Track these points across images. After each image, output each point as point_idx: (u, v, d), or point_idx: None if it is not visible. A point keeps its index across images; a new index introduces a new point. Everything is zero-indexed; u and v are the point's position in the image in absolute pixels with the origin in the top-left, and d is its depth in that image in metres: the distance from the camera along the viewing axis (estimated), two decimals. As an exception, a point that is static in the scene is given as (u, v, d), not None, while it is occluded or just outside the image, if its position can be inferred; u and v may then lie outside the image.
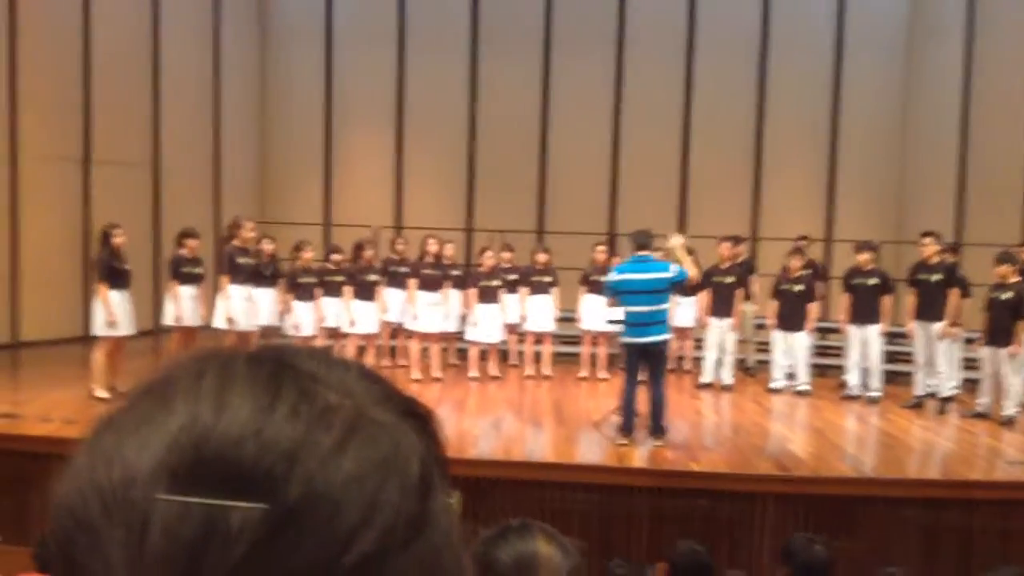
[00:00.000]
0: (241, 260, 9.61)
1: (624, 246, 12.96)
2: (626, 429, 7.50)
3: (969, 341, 9.54)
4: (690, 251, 8.05)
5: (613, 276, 7.60)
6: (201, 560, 0.44)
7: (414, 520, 0.49)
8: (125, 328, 8.53)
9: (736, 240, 11.36)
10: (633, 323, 7.40)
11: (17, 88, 11.15)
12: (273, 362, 0.52)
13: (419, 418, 0.55)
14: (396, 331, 10.88)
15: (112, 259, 8.55)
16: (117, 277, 8.56)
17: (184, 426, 0.48)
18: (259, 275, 9.82)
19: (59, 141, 11.79)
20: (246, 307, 9.54)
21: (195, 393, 0.49)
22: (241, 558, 0.45)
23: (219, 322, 9.48)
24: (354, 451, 0.49)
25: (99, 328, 8.49)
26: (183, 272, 9.25)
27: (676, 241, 7.97)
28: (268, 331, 9.91)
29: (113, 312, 8.38)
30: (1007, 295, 8.83)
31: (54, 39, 11.64)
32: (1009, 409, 8.80)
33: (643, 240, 7.61)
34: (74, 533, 0.47)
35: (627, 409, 7.52)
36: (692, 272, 7.70)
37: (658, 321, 7.42)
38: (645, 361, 7.48)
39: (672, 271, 7.48)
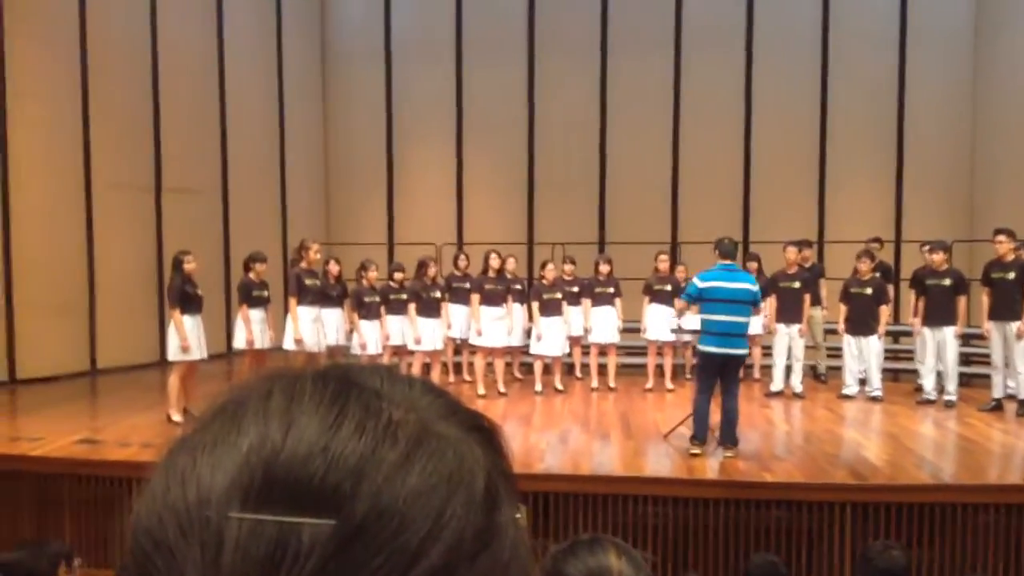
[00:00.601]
0: (308, 282, 9.76)
1: (687, 254, 12.91)
2: (699, 438, 7.41)
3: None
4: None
5: (698, 282, 7.44)
6: None
7: (480, 533, 0.50)
8: (198, 353, 8.72)
9: (803, 244, 11.21)
10: (716, 332, 7.28)
11: (90, 119, 11.53)
12: (338, 380, 0.54)
13: (484, 432, 0.56)
14: (460, 347, 10.94)
15: (184, 285, 8.76)
16: (189, 302, 8.76)
17: (254, 446, 0.49)
18: (326, 296, 9.96)
19: (130, 170, 12.15)
20: (314, 328, 9.68)
21: (264, 413, 0.51)
22: (312, 574, 0.46)
23: (288, 343, 9.65)
24: (420, 465, 0.50)
25: (173, 353, 8.69)
26: (252, 296, 9.44)
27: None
28: (335, 351, 10.04)
29: (186, 337, 8.58)
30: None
31: (123, 70, 12.01)
32: (1094, 410, 8.49)
33: (730, 249, 7.52)
34: (152, 554, 0.49)
35: (701, 418, 7.42)
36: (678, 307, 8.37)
37: (740, 333, 7.30)
38: (722, 371, 7.38)
39: (756, 286, 7.45)
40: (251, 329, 9.29)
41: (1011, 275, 9.19)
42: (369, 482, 0.48)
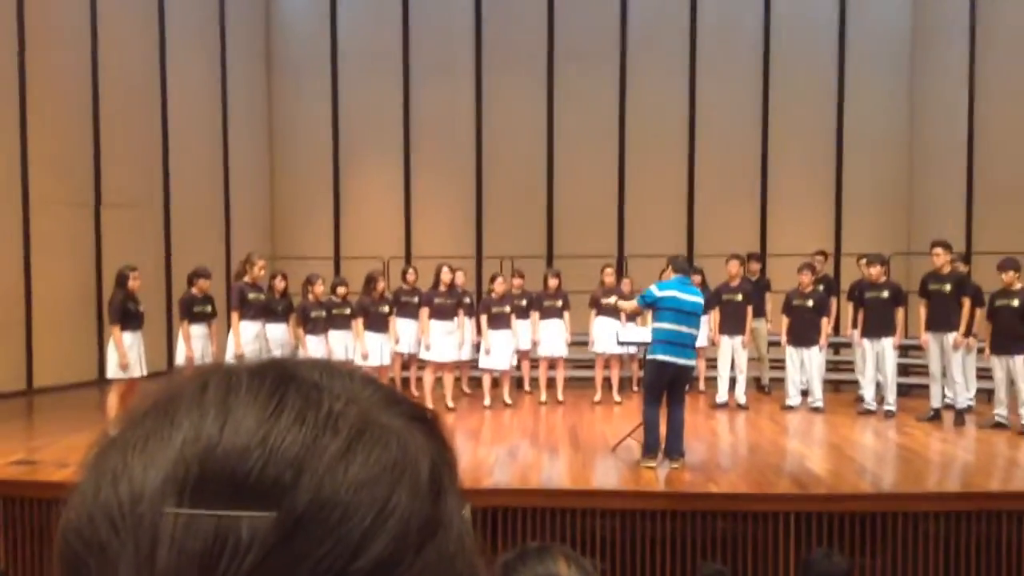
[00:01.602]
0: (251, 296, 9.65)
1: (633, 267, 13.03)
2: (651, 450, 7.45)
3: (982, 351, 9.49)
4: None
5: (656, 290, 7.55)
6: (212, 572, 0.44)
7: (426, 523, 0.49)
8: (138, 370, 8.56)
9: (751, 258, 11.44)
10: (670, 341, 7.38)
11: (27, 135, 11.29)
12: (276, 373, 0.52)
13: (427, 422, 0.55)
14: (408, 362, 10.89)
15: (127, 301, 8.60)
16: (130, 319, 8.61)
17: (189, 439, 0.48)
18: (271, 311, 9.86)
19: (69, 186, 11.91)
20: (257, 343, 9.57)
21: (199, 406, 0.49)
22: (252, 567, 0.44)
23: (230, 359, 9.51)
24: (362, 455, 0.48)
25: (112, 371, 8.52)
26: (194, 311, 9.31)
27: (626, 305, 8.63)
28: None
29: (126, 355, 8.42)
30: (1015, 302, 8.79)
31: (62, 83, 11.78)
32: (1027, 418, 8.73)
33: (685, 266, 7.87)
34: (83, 554, 0.47)
35: (652, 429, 7.47)
36: (632, 307, 8.44)
37: (692, 345, 7.53)
38: (671, 383, 7.47)
39: (703, 300, 7.86)
40: (192, 345, 9.15)
41: (947, 287, 9.43)
42: (310, 473, 0.46)
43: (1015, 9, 12.85)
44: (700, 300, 7.67)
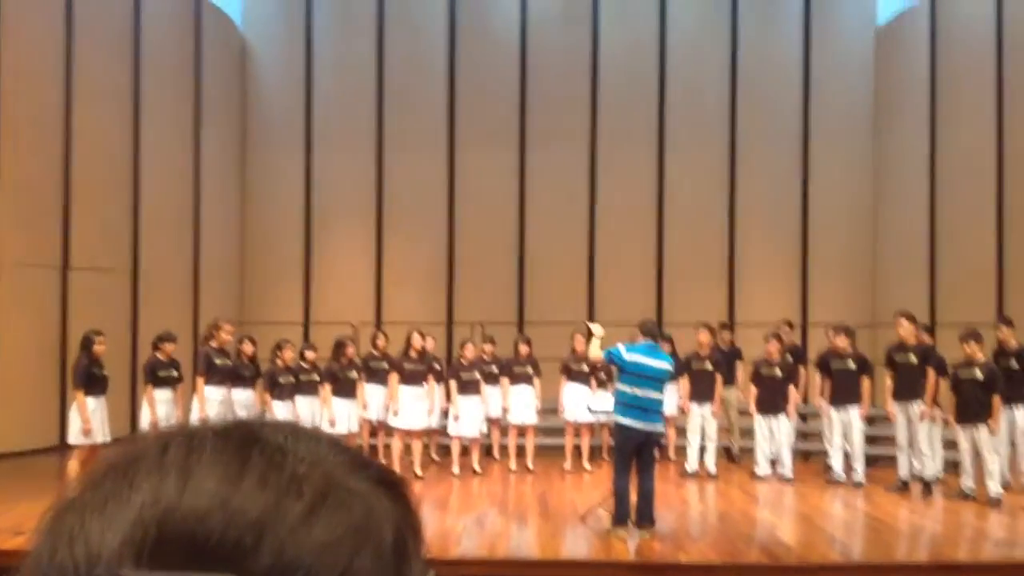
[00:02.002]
0: (218, 361, 9.57)
1: (604, 335, 13.05)
2: (622, 519, 7.37)
3: (947, 421, 9.56)
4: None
5: (624, 352, 7.48)
6: None
7: None
8: (100, 436, 8.41)
9: (722, 327, 11.59)
10: (636, 405, 7.35)
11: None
12: (240, 435, 0.51)
13: (393, 486, 0.54)
14: (376, 429, 10.78)
15: (92, 366, 8.50)
16: (95, 384, 8.49)
17: (148, 501, 0.47)
18: (237, 376, 9.76)
19: (37, 249, 11.80)
20: (222, 409, 9.45)
21: (159, 468, 0.49)
22: None
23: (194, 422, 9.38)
24: (326, 518, 0.48)
25: (74, 436, 8.37)
26: (159, 376, 9.21)
27: (598, 330, 8.08)
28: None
29: (89, 420, 8.28)
30: (979, 373, 8.90)
31: (33, 145, 11.76)
32: (993, 489, 8.78)
33: (654, 330, 7.81)
34: None
35: (622, 499, 7.39)
36: (597, 356, 7.87)
37: (658, 411, 7.49)
38: (639, 449, 7.42)
39: (672, 366, 7.75)
40: (156, 411, 9.03)
41: (912, 357, 9.53)
42: (272, 536, 0.46)
43: (973, 86, 13.27)
44: (667, 366, 7.59)
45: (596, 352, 7.85)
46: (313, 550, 0.47)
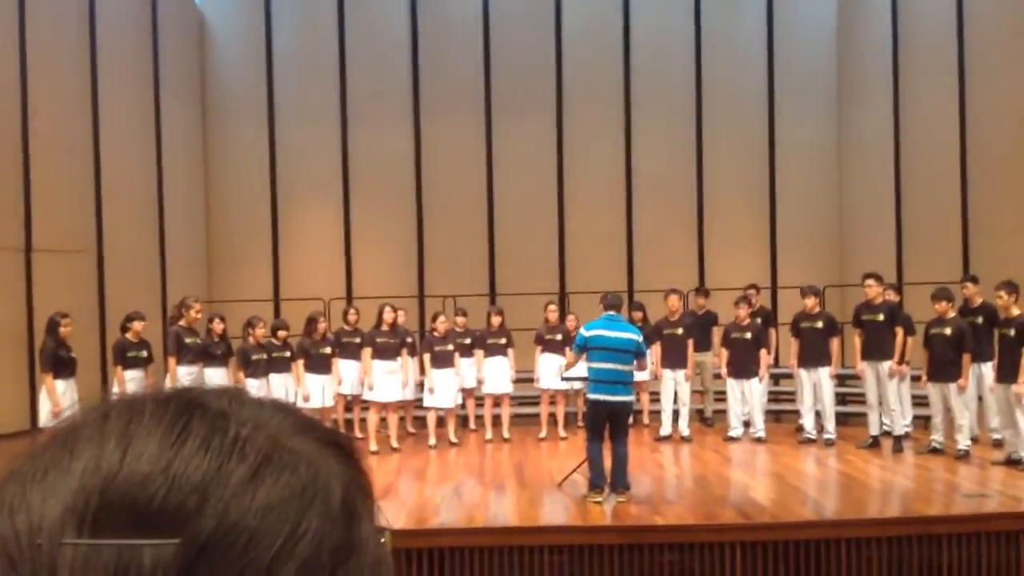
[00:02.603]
0: (188, 340, 9.49)
1: (576, 304, 13.11)
2: (597, 486, 7.49)
3: (916, 378, 9.71)
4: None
5: (584, 332, 7.67)
6: None
7: (339, 547, 0.48)
8: (71, 417, 8.32)
9: (697, 292, 11.68)
10: (602, 380, 7.45)
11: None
12: (180, 401, 0.51)
13: (341, 447, 0.54)
14: (352, 403, 10.76)
15: (58, 348, 8.40)
16: (63, 366, 8.39)
17: (88, 469, 0.47)
18: (208, 354, 9.69)
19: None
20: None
21: (99, 435, 0.48)
22: None
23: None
24: (271, 480, 0.48)
25: (45, 419, 8.29)
26: (128, 356, 9.13)
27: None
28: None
29: (59, 402, 8.19)
30: (948, 330, 9.03)
31: (-10, 129, 11.52)
32: (962, 443, 8.94)
33: (614, 301, 7.83)
34: None
35: (595, 465, 7.52)
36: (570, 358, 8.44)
37: (626, 381, 7.52)
38: (610, 419, 7.51)
39: (639, 337, 7.67)
40: (126, 390, 8.94)
41: (880, 317, 9.65)
42: (215, 499, 0.46)
43: (935, 49, 13.35)
44: (631, 336, 7.60)
45: (570, 358, 8.38)
46: (258, 512, 0.46)
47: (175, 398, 0.51)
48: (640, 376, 11.03)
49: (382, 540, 0.53)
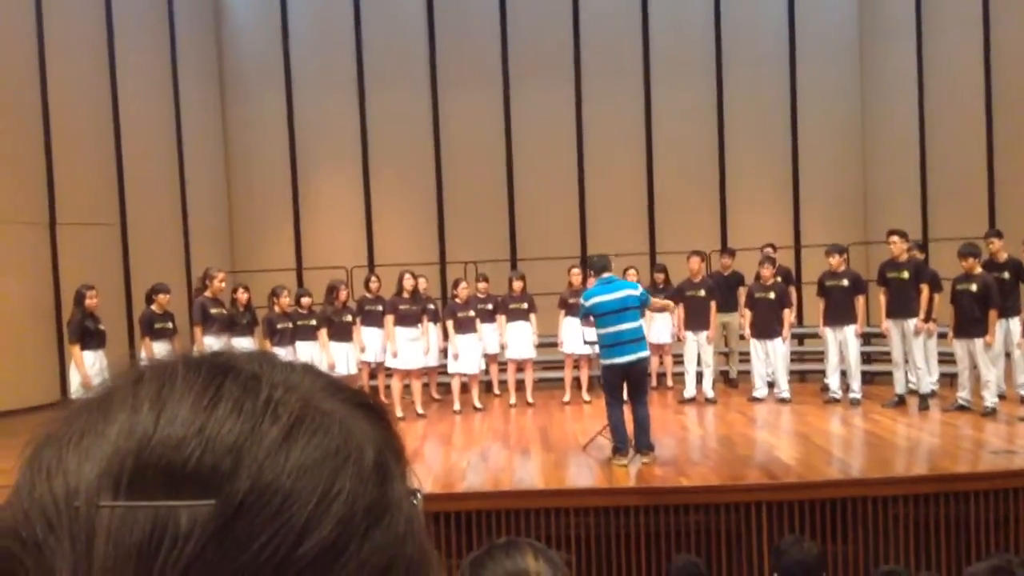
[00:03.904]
0: (214, 311, 9.56)
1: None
2: (621, 448, 7.51)
3: (943, 336, 9.64)
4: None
5: (584, 302, 7.66)
6: (151, 563, 0.44)
7: (372, 507, 0.49)
8: (102, 389, 8.44)
9: (722, 252, 11.60)
10: (612, 343, 7.47)
11: (-23, 156, 11.08)
12: (212, 364, 0.52)
13: (371, 408, 0.55)
14: (376, 370, 10.83)
15: (85, 320, 8.49)
16: (91, 338, 8.49)
17: (123, 432, 0.47)
18: (234, 324, 9.76)
19: (23, 206, 11.70)
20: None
21: (133, 399, 0.49)
22: (193, 556, 0.44)
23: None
24: (304, 440, 0.48)
25: (75, 391, 8.40)
26: (155, 328, 9.22)
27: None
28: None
29: (87, 374, 8.30)
30: (974, 286, 8.95)
31: (12, 103, 11.58)
32: (989, 400, 8.89)
33: (601, 264, 7.78)
34: (19, 553, 0.46)
35: (617, 428, 7.53)
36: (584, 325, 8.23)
37: (636, 339, 7.47)
38: (627, 380, 7.51)
39: (639, 290, 7.60)
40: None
41: (905, 274, 9.56)
42: (249, 460, 0.46)
43: (959, 2, 13.09)
44: (629, 292, 7.53)
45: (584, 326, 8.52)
46: (292, 473, 0.47)
47: (207, 362, 0.52)
48: (663, 339, 11.05)
49: (414, 501, 0.53)
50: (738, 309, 11.24)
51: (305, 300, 10.21)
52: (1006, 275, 9.23)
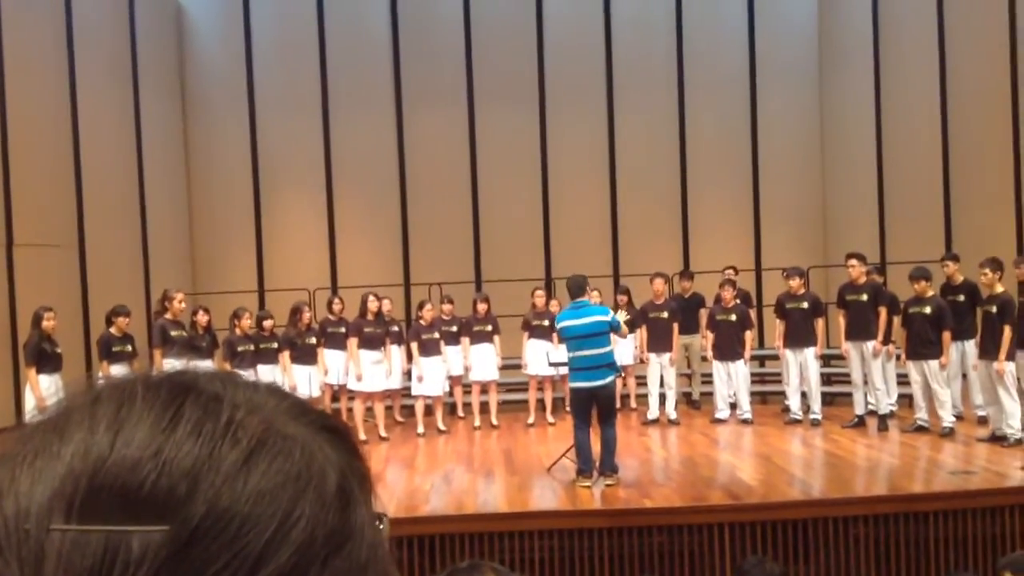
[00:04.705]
0: (174, 333, 9.45)
1: (562, 290, 13.11)
2: (586, 470, 7.53)
3: (900, 357, 9.78)
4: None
5: (557, 324, 7.80)
6: None
7: (333, 534, 0.48)
8: (57, 413, 8.28)
9: (681, 275, 11.69)
10: (579, 368, 7.49)
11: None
12: (172, 384, 0.50)
13: (336, 432, 0.53)
14: (338, 393, 10.75)
15: (42, 342, 8.34)
16: (47, 361, 8.35)
17: (78, 453, 0.46)
18: (194, 347, 9.65)
19: (-22, 226, 11.49)
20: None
21: (90, 419, 0.48)
22: None
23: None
24: (264, 465, 0.47)
25: (30, 415, 8.23)
26: (113, 351, 9.08)
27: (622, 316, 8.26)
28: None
29: (43, 397, 8.15)
30: (927, 309, 9.09)
31: (-33, 124, 11.40)
32: (946, 420, 9.02)
33: (575, 285, 7.78)
34: None
35: (583, 450, 7.55)
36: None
37: (603, 364, 7.50)
38: (595, 403, 7.54)
39: (609, 315, 7.63)
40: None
41: (864, 297, 9.71)
42: (206, 484, 0.45)
43: (916, 28, 13.38)
44: (599, 318, 7.54)
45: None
46: (250, 497, 0.46)
47: (167, 381, 0.51)
48: (626, 360, 11.09)
49: (380, 526, 0.53)
50: (699, 331, 11.34)
51: (267, 323, 10.13)
52: (961, 298, 9.39)
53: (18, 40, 12.01)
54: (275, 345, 10.00)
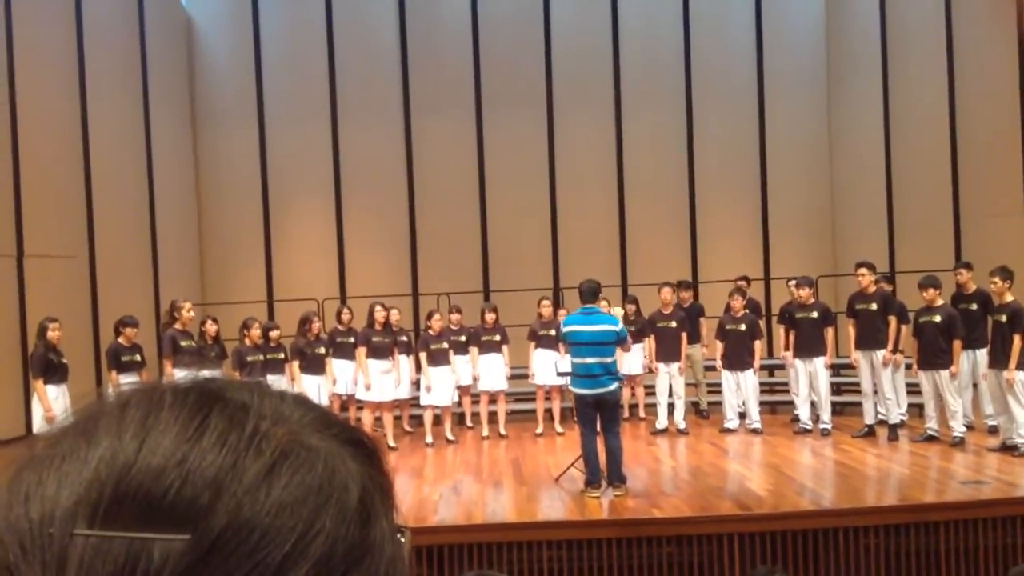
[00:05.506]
0: (183, 343, 9.47)
1: (570, 299, 13.10)
2: (594, 480, 7.49)
3: (909, 367, 9.74)
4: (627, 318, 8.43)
5: (563, 326, 7.72)
6: None
7: (352, 549, 0.48)
8: (65, 423, 8.31)
9: (682, 285, 11.61)
10: (583, 374, 7.47)
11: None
12: (201, 392, 0.51)
13: (361, 445, 0.54)
14: (347, 403, 10.75)
15: (48, 353, 8.37)
16: (54, 372, 8.37)
17: (105, 459, 0.47)
18: (203, 357, 9.66)
19: (-11, 237, 11.54)
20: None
21: (118, 425, 0.48)
22: None
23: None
24: (286, 477, 0.48)
25: (38, 425, 8.26)
26: (122, 361, 9.10)
27: (618, 312, 8.20)
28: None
29: (51, 407, 8.17)
30: (938, 318, 9.06)
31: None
32: (956, 430, 8.97)
33: (589, 290, 7.73)
34: None
35: (590, 459, 7.52)
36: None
37: (605, 373, 7.48)
38: (598, 411, 7.52)
39: (618, 326, 7.60)
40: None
41: (874, 306, 9.67)
42: (228, 495, 0.46)
43: (924, 36, 13.37)
44: (607, 327, 7.51)
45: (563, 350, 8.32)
46: (271, 510, 0.46)
47: (196, 390, 0.51)
48: (635, 370, 11.07)
49: (401, 539, 0.53)
50: (700, 340, 11.33)
51: (274, 333, 10.14)
52: (974, 306, 9.35)
53: (29, 53, 12.10)
54: (283, 355, 10.01)
